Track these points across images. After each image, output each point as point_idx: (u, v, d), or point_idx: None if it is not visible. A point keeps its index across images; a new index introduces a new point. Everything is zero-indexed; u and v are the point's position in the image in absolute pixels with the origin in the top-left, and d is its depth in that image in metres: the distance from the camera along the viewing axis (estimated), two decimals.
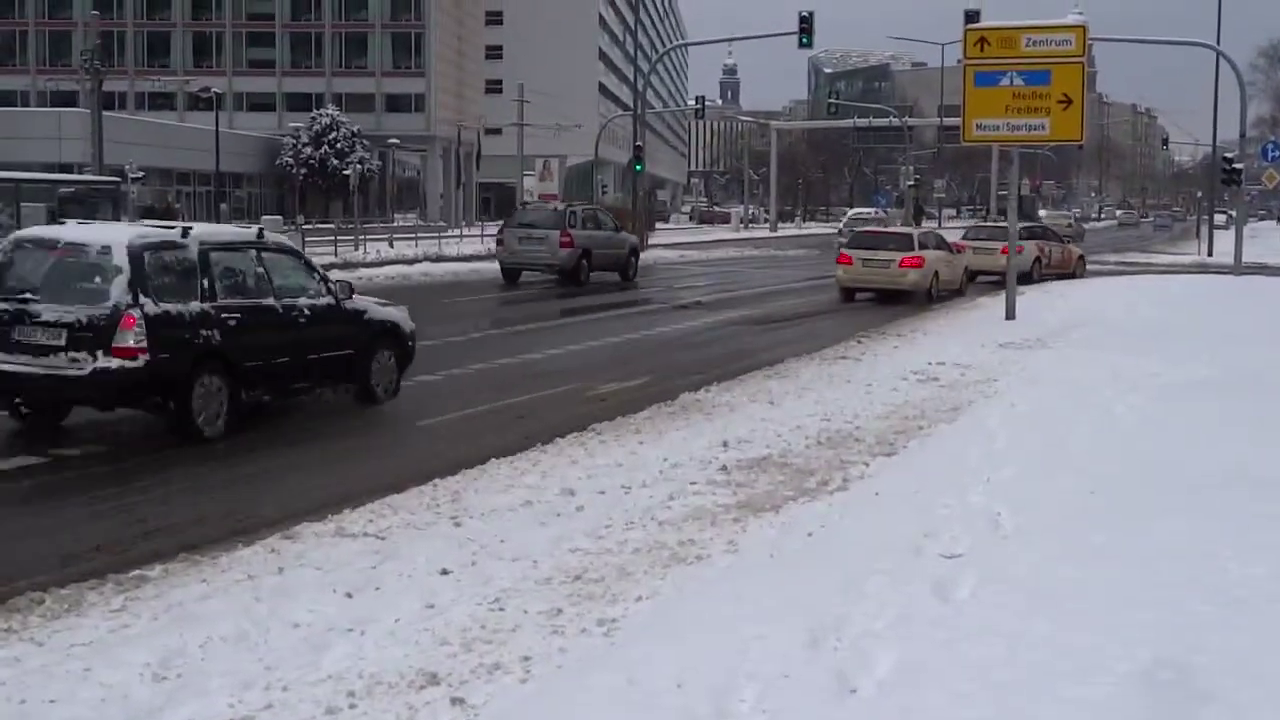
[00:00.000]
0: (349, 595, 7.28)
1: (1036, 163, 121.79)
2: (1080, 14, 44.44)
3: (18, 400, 12.69)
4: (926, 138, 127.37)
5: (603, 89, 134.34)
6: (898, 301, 29.87)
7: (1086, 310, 25.53)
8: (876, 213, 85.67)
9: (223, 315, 12.66)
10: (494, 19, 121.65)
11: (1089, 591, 6.44)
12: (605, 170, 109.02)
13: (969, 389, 15.29)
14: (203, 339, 12.43)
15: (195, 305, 12.43)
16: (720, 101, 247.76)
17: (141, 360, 11.83)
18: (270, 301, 13.43)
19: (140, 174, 53.63)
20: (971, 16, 39.09)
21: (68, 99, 76.42)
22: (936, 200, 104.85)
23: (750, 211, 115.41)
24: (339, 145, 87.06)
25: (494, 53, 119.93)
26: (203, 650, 6.40)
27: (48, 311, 11.96)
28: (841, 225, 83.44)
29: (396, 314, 15.51)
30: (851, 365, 17.79)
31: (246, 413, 13.07)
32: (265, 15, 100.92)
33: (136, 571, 7.85)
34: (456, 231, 73.43)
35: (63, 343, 11.86)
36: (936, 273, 31.60)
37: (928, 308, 28.32)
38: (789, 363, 18.22)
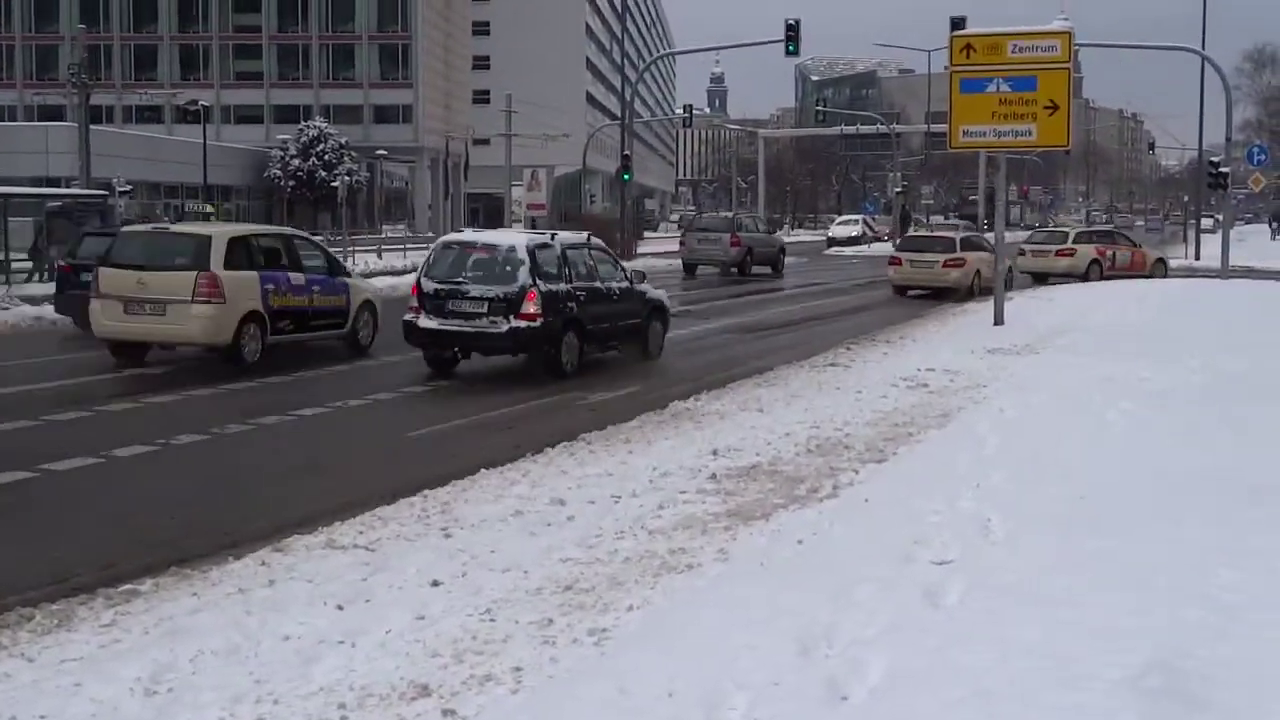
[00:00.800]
0: (340, 607, 7.27)
1: (1024, 168, 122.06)
2: (1065, 20, 44.54)
3: (455, 349, 18.45)
4: (914, 144, 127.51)
5: (590, 98, 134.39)
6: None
7: (1074, 315, 25.56)
8: (863, 219, 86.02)
9: (576, 293, 18.35)
10: (481, 29, 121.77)
11: (1080, 598, 6.44)
12: (593, 179, 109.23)
13: (958, 395, 15.31)
14: (568, 309, 18.12)
15: (562, 286, 18.15)
16: (708, 110, 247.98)
17: (539, 322, 17.57)
18: (598, 284, 19.12)
19: (128, 187, 53.62)
20: (957, 23, 39.19)
21: (55, 113, 76.45)
22: (925, 206, 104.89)
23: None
24: (327, 157, 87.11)
25: (481, 63, 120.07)
26: (193, 664, 6.40)
27: (474, 290, 17.74)
28: (828, 233, 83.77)
29: (662, 295, 21.29)
30: (841, 372, 17.81)
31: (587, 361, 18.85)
32: (252, 27, 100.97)
33: (127, 586, 7.85)
34: None
35: (485, 310, 17.67)
36: (978, 271, 34.57)
37: (918, 314, 28.38)
38: (778, 370, 18.25)
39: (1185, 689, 5.18)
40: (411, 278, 21.46)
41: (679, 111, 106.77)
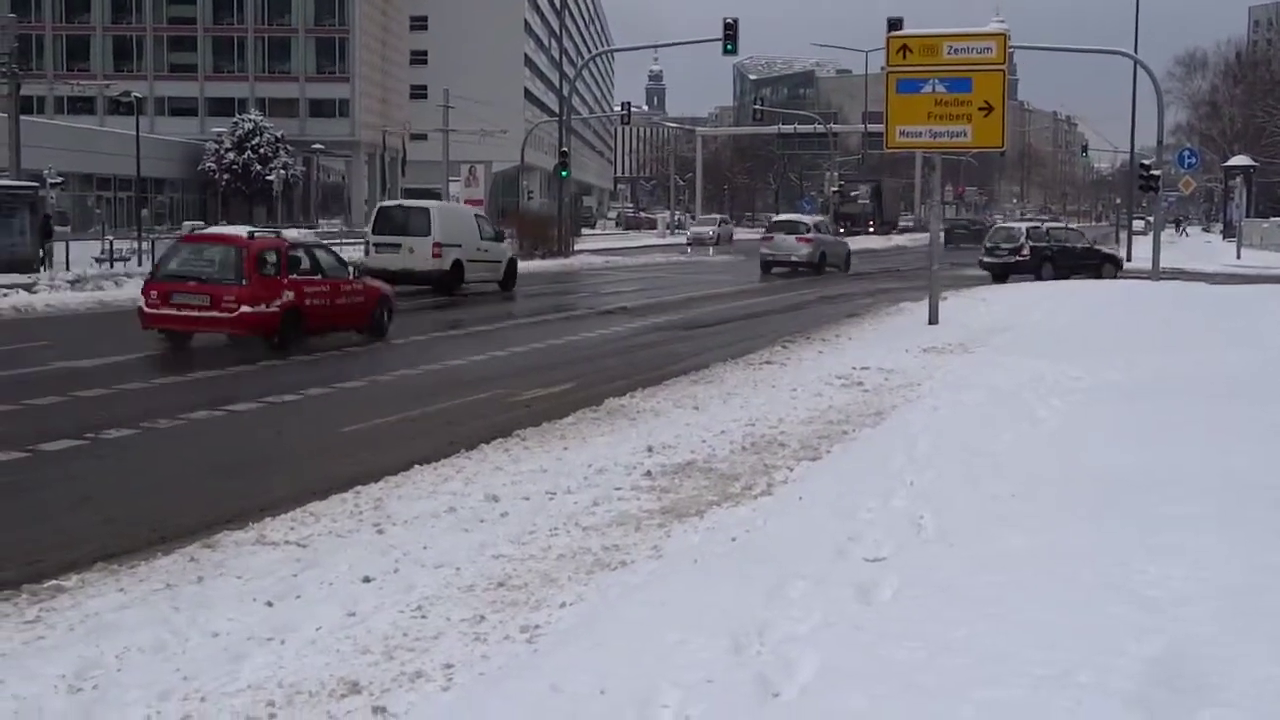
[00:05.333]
0: (269, 604, 7.21)
1: (959, 169, 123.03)
2: (1001, 22, 45.14)
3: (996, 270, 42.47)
4: (851, 144, 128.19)
5: (528, 95, 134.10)
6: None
7: (1007, 315, 25.77)
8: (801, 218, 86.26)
9: (1042, 247, 41.98)
10: (419, 24, 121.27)
11: (1008, 595, 6.48)
12: (531, 176, 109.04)
13: (892, 393, 15.38)
14: (1040, 253, 41.38)
15: (1038, 244, 42.60)
16: (646, 108, 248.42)
17: (1030, 257, 41.49)
18: (1066, 245, 42.90)
19: (59, 179, 52.88)
20: (894, 24, 39.46)
21: None
22: (860, 206, 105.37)
23: (676, 217, 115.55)
24: (262, 150, 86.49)
25: (419, 58, 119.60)
26: (119, 661, 6.32)
27: (1003, 245, 42.45)
28: (764, 231, 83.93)
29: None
30: (776, 370, 17.85)
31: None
32: (187, 19, 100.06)
33: (51, 582, 7.74)
34: None
35: (1009, 253, 41.88)
36: None
37: (854, 313, 28.51)
38: (714, 368, 18.26)
39: (1110, 685, 5.23)
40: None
41: (617, 109, 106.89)
